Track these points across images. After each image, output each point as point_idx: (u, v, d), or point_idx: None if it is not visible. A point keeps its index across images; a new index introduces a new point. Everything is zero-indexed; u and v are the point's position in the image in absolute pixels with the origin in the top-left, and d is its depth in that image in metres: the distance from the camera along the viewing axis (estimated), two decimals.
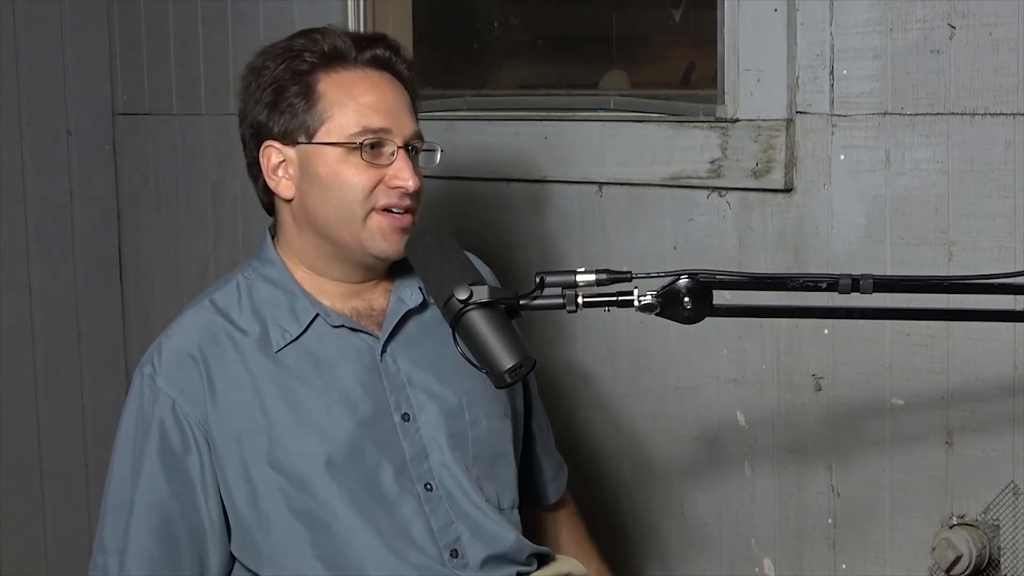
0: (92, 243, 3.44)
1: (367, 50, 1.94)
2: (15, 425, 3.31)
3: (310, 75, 1.92)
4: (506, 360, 1.66)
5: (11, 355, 3.29)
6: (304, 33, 1.97)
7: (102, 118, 3.44)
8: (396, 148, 1.91)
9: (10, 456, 3.30)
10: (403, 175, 1.90)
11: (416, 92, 2.01)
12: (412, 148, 1.94)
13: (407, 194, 1.90)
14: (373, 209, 1.90)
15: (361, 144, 1.89)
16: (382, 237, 1.91)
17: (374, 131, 1.90)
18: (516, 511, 2.02)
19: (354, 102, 1.90)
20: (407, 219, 1.92)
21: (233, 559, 1.92)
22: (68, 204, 3.38)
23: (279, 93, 1.92)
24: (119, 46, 3.41)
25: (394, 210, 1.91)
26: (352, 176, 1.89)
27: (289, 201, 1.95)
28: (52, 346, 3.37)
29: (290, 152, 1.93)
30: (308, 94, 1.91)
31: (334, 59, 1.93)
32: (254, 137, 1.96)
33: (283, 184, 1.94)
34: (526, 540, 1.98)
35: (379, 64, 1.95)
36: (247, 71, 1.97)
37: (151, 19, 3.32)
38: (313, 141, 1.91)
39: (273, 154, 1.94)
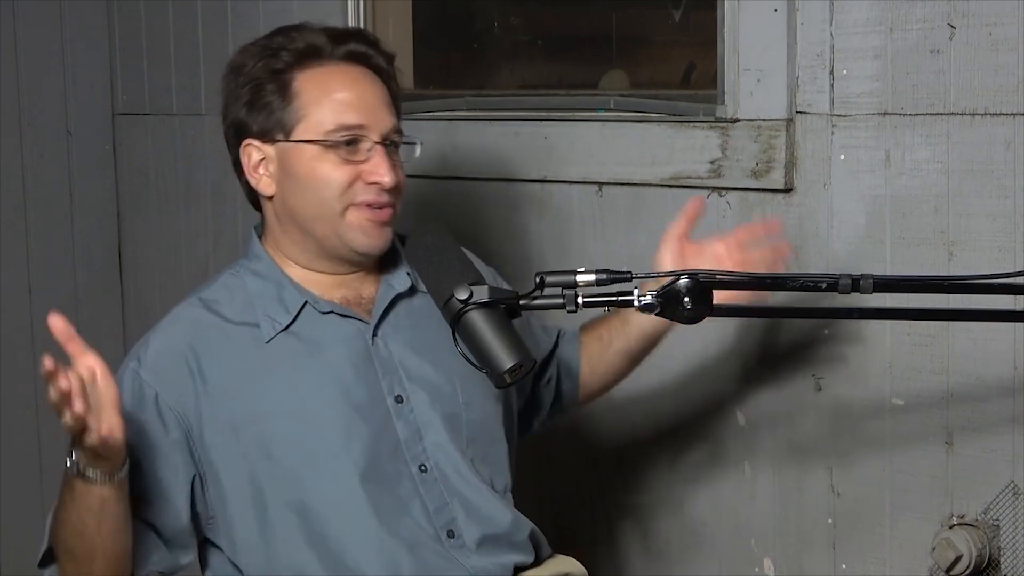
0: (92, 243, 3.43)
1: (343, 45, 1.95)
2: (15, 425, 3.31)
3: (286, 73, 1.92)
4: (506, 360, 1.66)
5: (11, 355, 3.29)
6: (281, 31, 1.98)
7: (102, 118, 3.44)
8: (373, 144, 1.91)
9: (10, 456, 3.30)
10: (380, 171, 1.90)
11: (397, 86, 2.01)
12: (390, 143, 1.94)
13: (384, 190, 1.91)
14: (351, 204, 1.91)
15: (336, 141, 1.90)
16: (362, 232, 1.92)
17: (349, 128, 1.90)
18: (510, 494, 2.02)
19: (329, 99, 1.91)
20: (386, 212, 1.93)
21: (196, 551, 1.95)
22: (68, 204, 3.38)
23: (257, 91, 1.93)
24: (119, 46, 3.41)
25: (372, 206, 1.91)
26: (329, 173, 1.90)
27: (271, 198, 1.97)
28: (52, 346, 3.36)
29: (269, 150, 1.94)
30: (284, 92, 1.92)
31: (310, 56, 1.93)
32: (235, 135, 1.98)
33: (264, 182, 1.96)
34: (523, 518, 1.99)
35: (355, 59, 1.95)
36: (227, 69, 1.98)
37: (151, 19, 3.32)
38: (290, 139, 1.92)
39: (253, 152, 1.95)
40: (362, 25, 2.84)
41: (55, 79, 3.35)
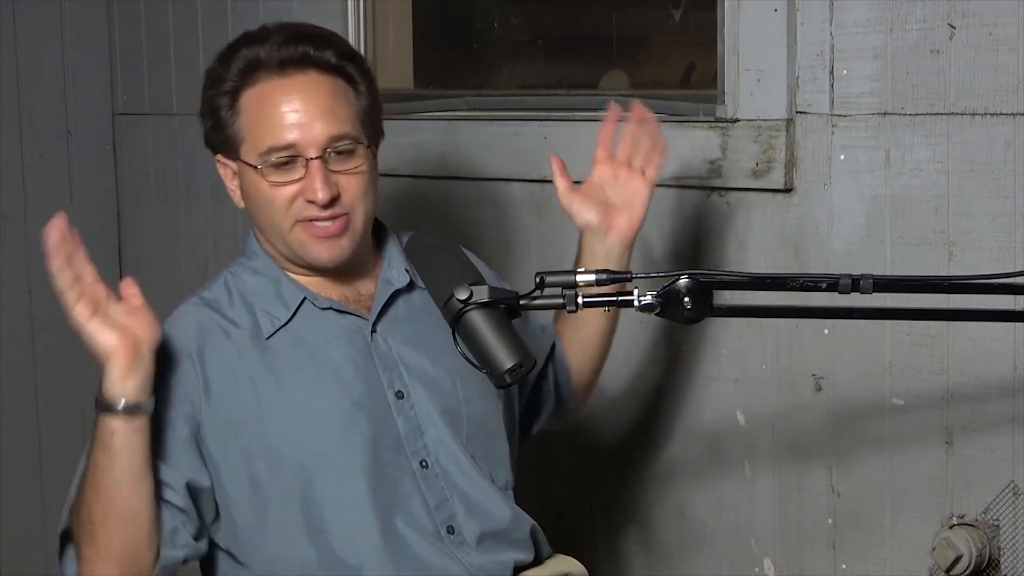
0: (92, 243, 3.39)
1: (279, 52, 1.90)
2: (15, 425, 3.31)
3: (235, 92, 1.92)
4: (506, 360, 1.66)
5: (11, 355, 3.29)
6: (239, 41, 1.95)
7: (102, 118, 3.44)
8: (307, 160, 1.89)
9: (10, 456, 3.30)
10: (313, 187, 1.88)
11: (363, 80, 1.95)
12: (330, 153, 1.89)
13: (326, 204, 1.88)
14: (297, 221, 1.90)
15: (263, 165, 1.88)
16: (310, 246, 1.92)
17: (280, 148, 1.88)
18: (511, 491, 2.02)
19: (263, 119, 1.89)
20: (335, 226, 1.90)
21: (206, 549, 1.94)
22: (68, 204, 3.38)
23: (216, 109, 1.93)
24: (119, 46, 3.41)
25: (319, 222, 1.90)
26: (270, 194, 1.90)
27: (244, 209, 1.98)
28: (52, 346, 3.37)
29: (232, 165, 1.96)
30: (232, 110, 1.92)
31: (250, 71, 1.91)
32: (208, 148, 2.00)
33: (236, 195, 1.98)
34: (524, 515, 1.99)
35: (295, 65, 1.91)
36: (204, 76, 1.97)
37: (151, 19, 3.32)
38: (239, 158, 1.92)
39: (222, 167, 1.97)
40: (362, 25, 2.84)
41: (55, 79, 3.35)
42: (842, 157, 2.15)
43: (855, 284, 1.61)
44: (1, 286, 3.27)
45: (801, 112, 2.19)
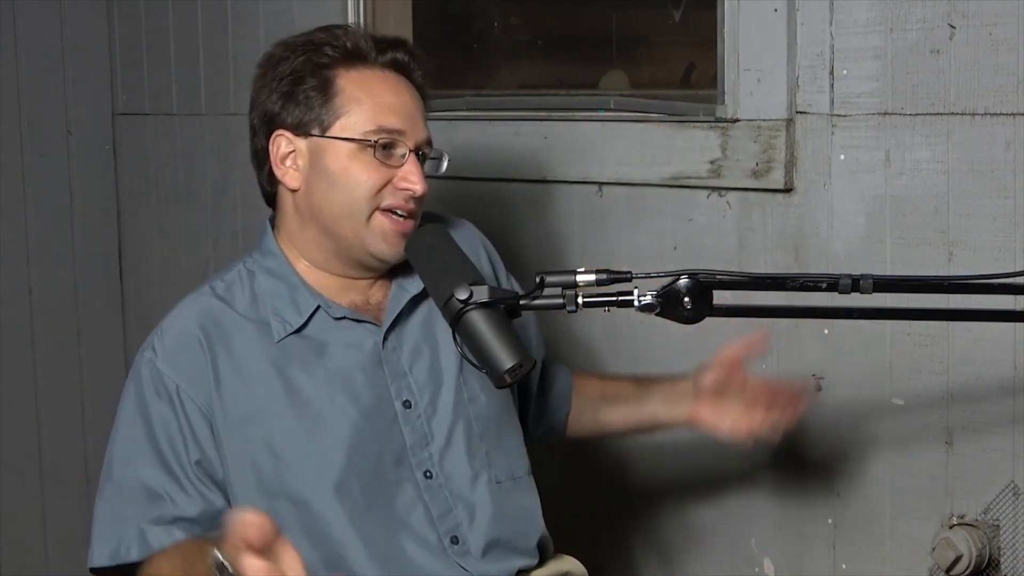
0: (92, 243, 3.44)
1: (387, 52, 1.96)
2: (15, 425, 3.31)
3: (329, 69, 1.93)
4: (506, 360, 1.66)
5: (11, 355, 3.29)
6: (326, 29, 1.99)
7: (102, 118, 3.44)
8: (408, 151, 1.92)
9: (10, 456, 3.30)
10: (412, 178, 1.91)
11: (427, 100, 2.03)
12: (421, 153, 1.95)
13: (413, 198, 1.91)
14: (378, 208, 1.91)
15: (375, 143, 1.90)
16: (383, 238, 1.92)
17: (389, 131, 1.91)
18: (531, 476, 2.04)
19: (372, 100, 1.92)
20: (409, 224, 1.93)
21: None
22: (68, 204, 3.38)
23: (296, 84, 1.93)
24: (119, 46, 3.41)
25: (398, 212, 1.92)
26: (362, 173, 1.91)
27: (294, 192, 1.96)
28: (52, 346, 3.37)
29: (301, 143, 1.94)
30: (326, 88, 1.92)
31: (355, 57, 1.94)
32: (264, 125, 1.97)
33: (290, 174, 1.95)
34: (533, 525, 1.99)
35: (397, 67, 1.97)
36: (264, 59, 1.99)
37: (151, 19, 3.32)
38: (327, 135, 1.92)
39: (283, 143, 1.95)
40: (362, 25, 2.84)
41: (55, 79, 3.35)
42: (842, 157, 2.15)
43: (855, 284, 1.61)
44: (1, 286, 3.27)
45: (801, 112, 2.19)
